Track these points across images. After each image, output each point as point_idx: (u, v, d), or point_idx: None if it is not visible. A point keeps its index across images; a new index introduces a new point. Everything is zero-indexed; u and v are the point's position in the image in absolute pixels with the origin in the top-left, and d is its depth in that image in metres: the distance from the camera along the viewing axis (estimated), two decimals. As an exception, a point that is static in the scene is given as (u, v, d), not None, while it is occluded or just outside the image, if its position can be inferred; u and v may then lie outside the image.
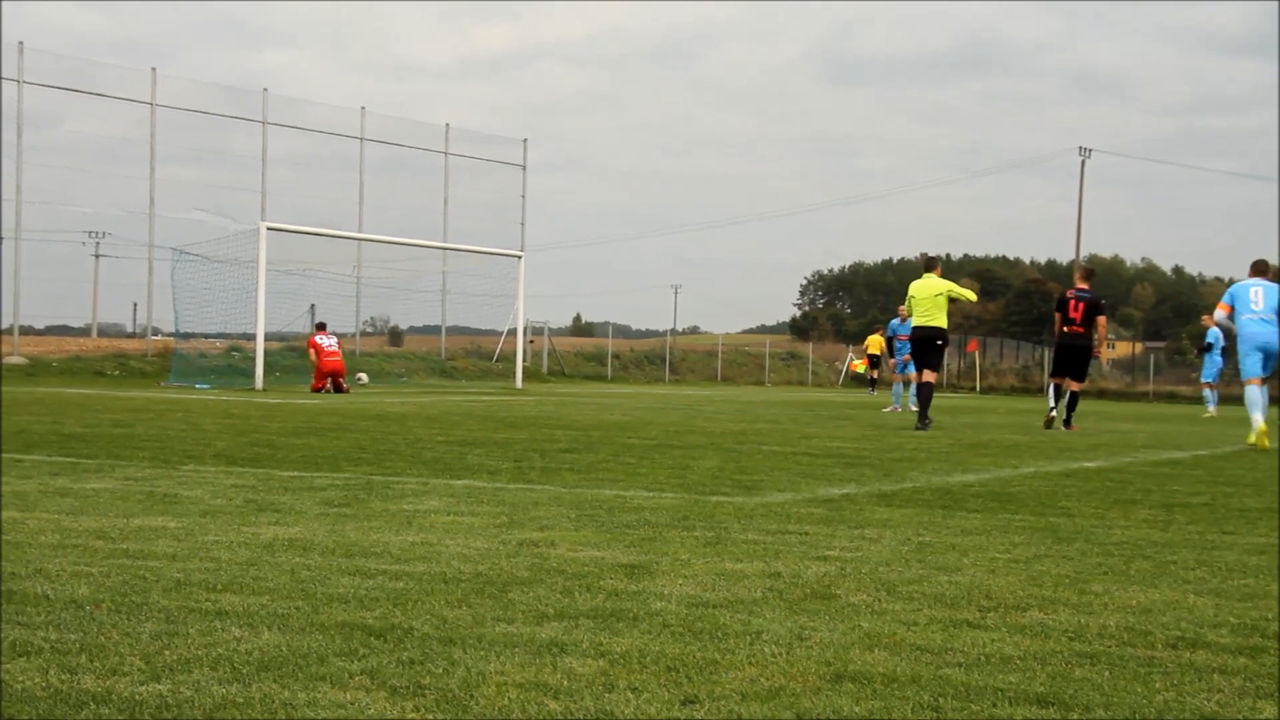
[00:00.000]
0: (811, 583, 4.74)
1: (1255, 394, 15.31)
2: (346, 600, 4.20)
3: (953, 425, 18.58)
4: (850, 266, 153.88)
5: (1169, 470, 10.80)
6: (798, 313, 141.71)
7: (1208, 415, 26.90)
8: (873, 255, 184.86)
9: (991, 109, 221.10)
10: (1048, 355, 24.62)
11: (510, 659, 3.49)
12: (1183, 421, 23.64)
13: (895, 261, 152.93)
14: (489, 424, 14.99)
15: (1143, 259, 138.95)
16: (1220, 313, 16.20)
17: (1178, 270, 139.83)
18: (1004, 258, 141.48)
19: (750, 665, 3.49)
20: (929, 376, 17.86)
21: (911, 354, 18.80)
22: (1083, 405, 22.07)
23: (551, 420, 16.32)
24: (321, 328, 28.42)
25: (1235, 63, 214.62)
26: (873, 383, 43.70)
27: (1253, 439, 14.92)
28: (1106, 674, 3.50)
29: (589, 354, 53.37)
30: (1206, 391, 29.04)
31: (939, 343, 17.93)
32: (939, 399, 37.14)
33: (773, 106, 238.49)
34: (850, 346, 65.43)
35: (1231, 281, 16.89)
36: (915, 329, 18.07)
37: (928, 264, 18.44)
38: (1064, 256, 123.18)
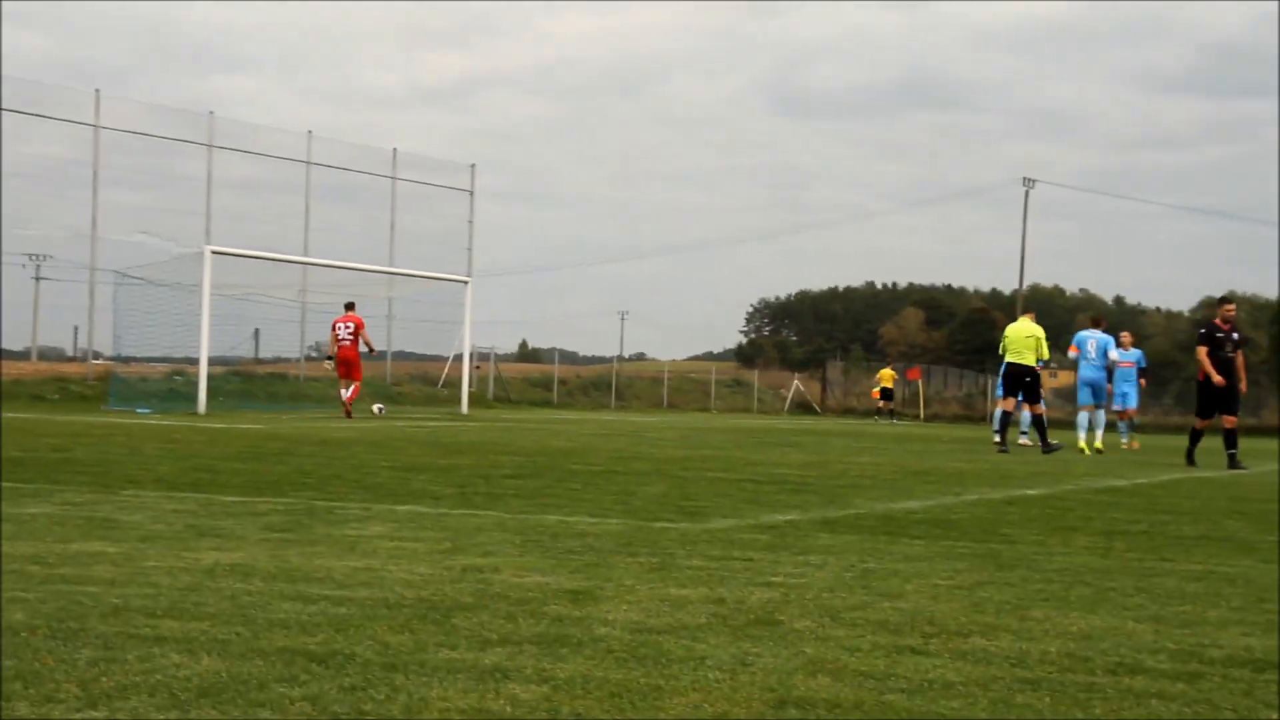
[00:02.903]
0: (755, 609, 4.75)
1: (1083, 418, 21.91)
2: (288, 626, 4.17)
3: (897, 452, 18.67)
4: (797, 294, 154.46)
5: (1109, 498, 10.88)
6: (744, 340, 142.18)
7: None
8: (819, 283, 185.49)
9: (939, 142, 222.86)
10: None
11: (453, 685, 3.47)
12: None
13: (841, 290, 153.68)
14: (434, 450, 14.93)
15: (1080, 289, 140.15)
16: (1072, 353, 22.49)
17: (1119, 300, 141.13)
18: (949, 286, 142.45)
19: (694, 691, 3.49)
20: (1037, 409, 20.71)
21: (1003, 386, 21.13)
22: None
23: (497, 446, 16.27)
24: (349, 308, 28.01)
25: (1177, 100, 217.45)
26: (892, 414, 46.73)
27: (1082, 446, 21.13)
28: (1047, 700, 3.52)
29: (535, 380, 53.31)
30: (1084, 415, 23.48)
31: (1028, 379, 20.55)
32: (884, 427, 37.38)
33: (722, 137, 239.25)
34: (795, 375, 65.61)
35: (1168, 313, 17.88)
36: (1009, 364, 20.67)
37: (1025, 309, 21.93)
38: (1008, 286, 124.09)
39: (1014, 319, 22.19)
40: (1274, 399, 52.43)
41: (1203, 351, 17.67)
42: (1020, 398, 21.10)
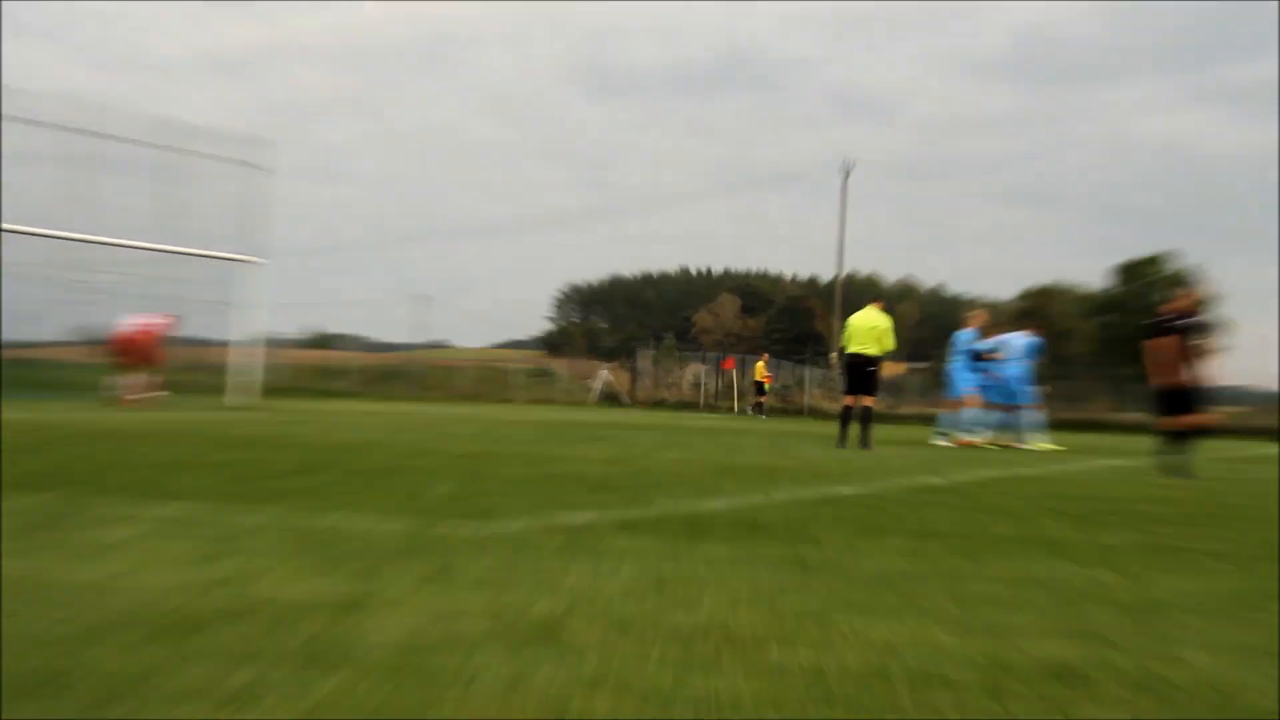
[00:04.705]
0: (538, 619, 4.62)
1: (1009, 418, 23.82)
2: None
3: (708, 447, 18.75)
4: (609, 280, 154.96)
5: (926, 497, 11.00)
6: (551, 327, 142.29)
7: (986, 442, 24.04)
8: (632, 268, 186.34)
9: (754, 124, 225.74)
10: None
11: (192, 709, 3.29)
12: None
13: (655, 275, 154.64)
14: (207, 444, 14.53)
15: (900, 278, 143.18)
16: (999, 356, 24.13)
17: (938, 290, 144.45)
18: (765, 273, 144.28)
19: (462, 712, 3.35)
20: (867, 401, 20.97)
21: (846, 379, 21.60)
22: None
23: (278, 440, 15.91)
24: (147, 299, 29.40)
25: (996, 86, 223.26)
26: (759, 407, 48.51)
27: (1007, 443, 23.58)
28: (842, 716, 3.46)
29: (327, 368, 52.59)
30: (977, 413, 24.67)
31: (870, 369, 21.04)
32: (696, 420, 37.63)
33: (528, 115, 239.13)
34: (604, 364, 65.75)
35: (984, 303, 18.86)
36: (850, 355, 21.12)
37: (874, 299, 22.27)
38: (826, 273, 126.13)
39: (832, 307, 23.16)
40: (1103, 392, 53.93)
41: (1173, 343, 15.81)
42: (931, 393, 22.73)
